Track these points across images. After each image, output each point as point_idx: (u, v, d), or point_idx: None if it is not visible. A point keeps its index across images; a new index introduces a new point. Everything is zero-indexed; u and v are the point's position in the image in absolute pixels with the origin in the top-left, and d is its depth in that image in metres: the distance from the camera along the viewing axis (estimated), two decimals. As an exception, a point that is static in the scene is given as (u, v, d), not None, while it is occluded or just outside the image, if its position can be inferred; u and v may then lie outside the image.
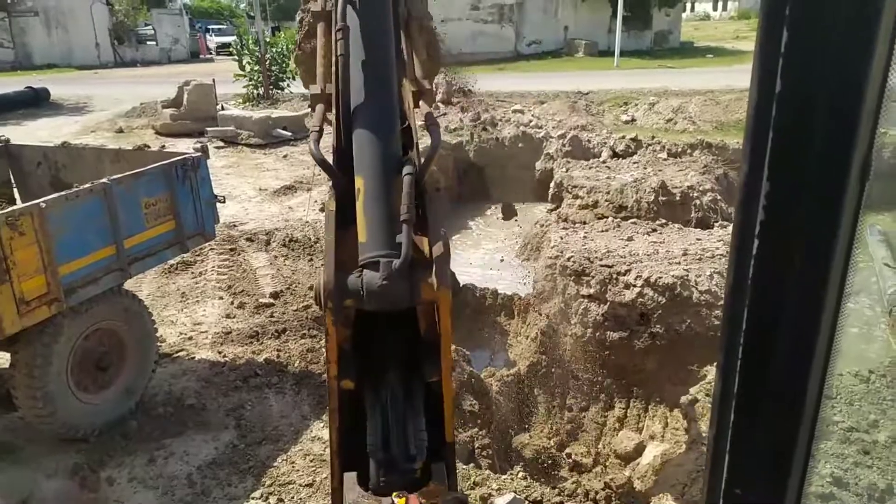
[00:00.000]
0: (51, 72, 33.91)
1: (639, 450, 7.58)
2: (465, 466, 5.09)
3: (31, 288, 4.96)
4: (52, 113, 22.65)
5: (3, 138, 7.81)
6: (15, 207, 5.21)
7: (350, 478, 1.82)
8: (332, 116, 1.84)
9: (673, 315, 8.40)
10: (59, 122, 20.93)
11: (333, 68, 1.93)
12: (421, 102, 2.28)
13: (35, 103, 23.37)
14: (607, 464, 7.65)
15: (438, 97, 21.46)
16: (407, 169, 1.72)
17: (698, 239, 9.84)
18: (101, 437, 5.76)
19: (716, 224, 11.53)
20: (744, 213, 0.75)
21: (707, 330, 8.15)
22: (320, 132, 1.78)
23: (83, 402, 5.65)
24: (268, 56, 24.13)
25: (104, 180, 5.51)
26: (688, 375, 8.03)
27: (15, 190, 7.73)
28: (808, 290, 0.74)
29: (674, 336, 8.35)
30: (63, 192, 5.42)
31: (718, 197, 12.65)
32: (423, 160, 1.84)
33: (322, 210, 10.90)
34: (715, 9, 68.26)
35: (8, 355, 5.38)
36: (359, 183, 1.70)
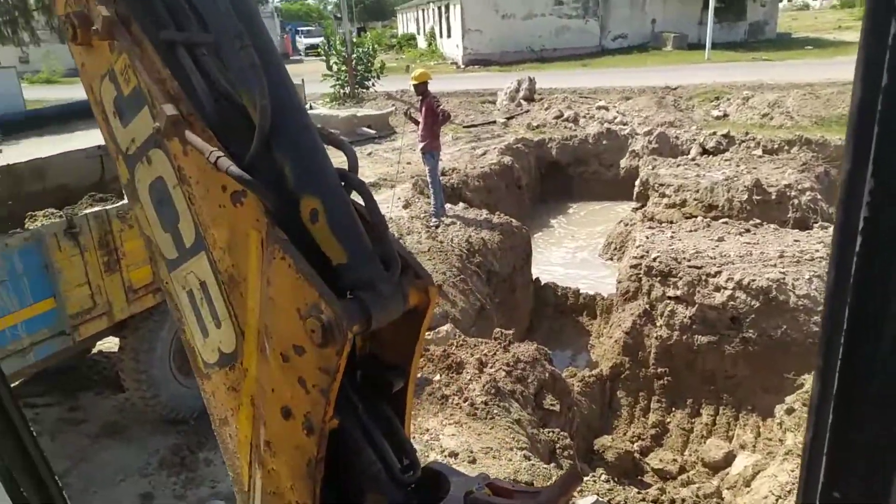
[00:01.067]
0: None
1: (728, 459, 7.30)
2: (546, 466, 5.08)
3: (138, 277, 5.34)
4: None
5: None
6: (124, 202, 5.60)
7: None
8: (205, 137, 1.55)
9: (767, 320, 8.03)
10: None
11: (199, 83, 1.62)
12: None
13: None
14: (693, 472, 7.41)
15: (521, 94, 21.32)
16: (352, 177, 1.61)
17: (796, 240, 9.36)
18: (200, 419, 6.09)
19: (815, 225, 10.91)
20: (846, 211, 0.73)
21: (805, 337, 7.74)
22: (225, 154, 1.50)
23: (184, 386, 6.00)
24: (354, 56, 24.76)
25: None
26: (782, 383, 7.66)
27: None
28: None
29: (767, 342, 7.98)
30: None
31: (819, 196, 11.97)
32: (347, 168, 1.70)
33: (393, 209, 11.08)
34: (816, -3, 64.39)
35: (117, 340, 5.80)
36: (313, 203, 1.54)
